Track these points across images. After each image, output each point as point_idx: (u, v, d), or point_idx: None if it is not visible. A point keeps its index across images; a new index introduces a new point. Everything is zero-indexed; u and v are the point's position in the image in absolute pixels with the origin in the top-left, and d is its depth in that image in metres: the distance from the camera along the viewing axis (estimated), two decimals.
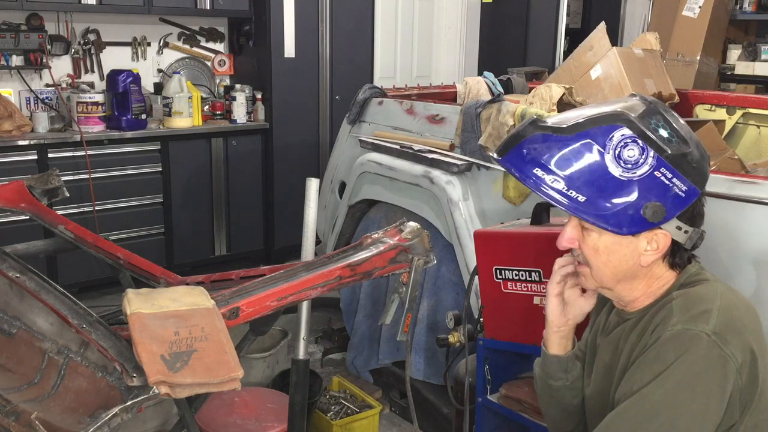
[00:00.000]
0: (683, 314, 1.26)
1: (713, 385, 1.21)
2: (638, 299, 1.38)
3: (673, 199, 1.26)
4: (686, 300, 1.28)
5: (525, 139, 1.33)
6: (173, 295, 1.61)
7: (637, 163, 1.25)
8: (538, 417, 2.00)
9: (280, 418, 2.55)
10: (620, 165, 1.26)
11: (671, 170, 1.25)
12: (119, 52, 4.59)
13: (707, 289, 1.30)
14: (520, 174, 1.33)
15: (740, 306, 1.29)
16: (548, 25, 5.78)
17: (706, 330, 1.22)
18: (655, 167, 1.25)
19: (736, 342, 1.22)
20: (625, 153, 1.25)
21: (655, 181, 1.25)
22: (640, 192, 1.25)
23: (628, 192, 1.26)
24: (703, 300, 1.27)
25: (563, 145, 1.29)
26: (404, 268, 1.76)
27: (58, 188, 2.49)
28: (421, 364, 2.93)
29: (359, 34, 5.02)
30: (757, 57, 5.35)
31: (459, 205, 2.77)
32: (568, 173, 1.28)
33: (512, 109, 2.67)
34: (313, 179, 2.38)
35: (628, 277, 1.35)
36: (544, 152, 1.30)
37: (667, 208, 1.26)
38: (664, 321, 1.28)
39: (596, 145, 1.27)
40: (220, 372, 1.39)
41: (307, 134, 4.88)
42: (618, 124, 1.26)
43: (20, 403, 1.48)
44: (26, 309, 1.63)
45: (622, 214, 1.27)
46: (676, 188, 1.25)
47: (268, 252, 4.88)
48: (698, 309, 1.25)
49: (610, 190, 1.27)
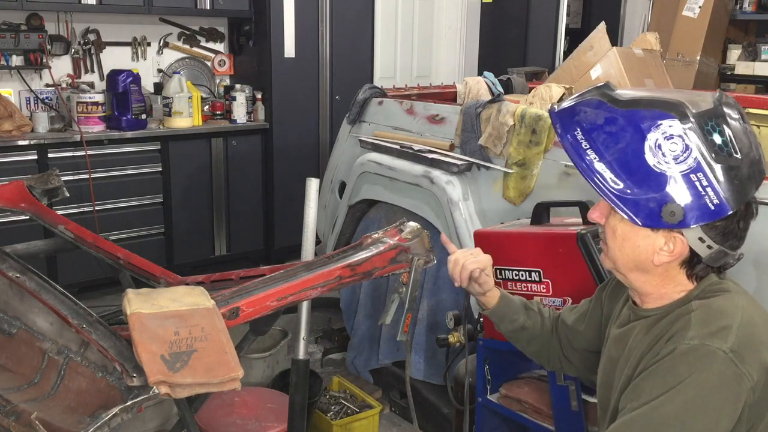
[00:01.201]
0: (702, 328, 1.21)
1: (726, 403, 1.18)
2: (651, 296, 1.34)
3: (699, 208, 1.19)
4: (706, 313, 1.24)
5: (584, 100, 1.31)
6: (173, 295, 1.61)
7: (677, 159, 1.19)
8: (538, 417, 2.01)
9: (280, 418, 2.55)
10: (657, 155, 1.20)
11: (708, 179, 1.18)
12: (119, 52, 4.59)
13: (728, 302, 1.25)
14: (561, 130, 1.31)
15: (760, 322, 1.24)
16: (548, 25, 5.78)
17: (723, 347, 1.18)
18: (694, 170, 1.18)
19: (753, 360, 1.19)
20: (667, 145, 1.19)
21: (690, 183, 1.18)
22: (669, 189, 1.19)
23: (656, 184, 1.20)
24: (724, 315, 1.22)
25: (611, 116, 1.25)
26: (404, 268, 1.76)
27: (58, 188, 2.49)
28: (421, 364, 2.93)
29: (359, 34, 5.02)
30: (757, 57, 5.35)
31: (459, 205, 2.77)
32: (605, 145, 1.24)
33: (512, 109, 2.67)
34: (313, 179, 2.38)
35: (640, 270, 1.31)
36: (592, 118, 1.27)
37: (688, 215, 1.20)
38: (681, 333, 1.23)
39: (641, 128, 1.21)
40: (220, 372, 1.39)
41: (307, 134, 4.88)
42: (671, 114, 1.20)
43: (20, 403, 1.48)
44: (26, 309, 1.63)
45: (642, 203, 1.22)
46: (707, 198, 1.18)
47: (268, 252, 4.87)
48: (717, 324, 1.21)
49: (639, 176, 1.21)
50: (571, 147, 1.29)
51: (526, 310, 1.69)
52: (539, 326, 1.68)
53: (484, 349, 2.09)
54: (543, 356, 1.70)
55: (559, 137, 1.31)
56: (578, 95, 1.35)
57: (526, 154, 2.60)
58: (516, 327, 1.68)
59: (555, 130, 1.33)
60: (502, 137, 2.68)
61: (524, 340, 1.70)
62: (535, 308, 1.71)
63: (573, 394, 1.88)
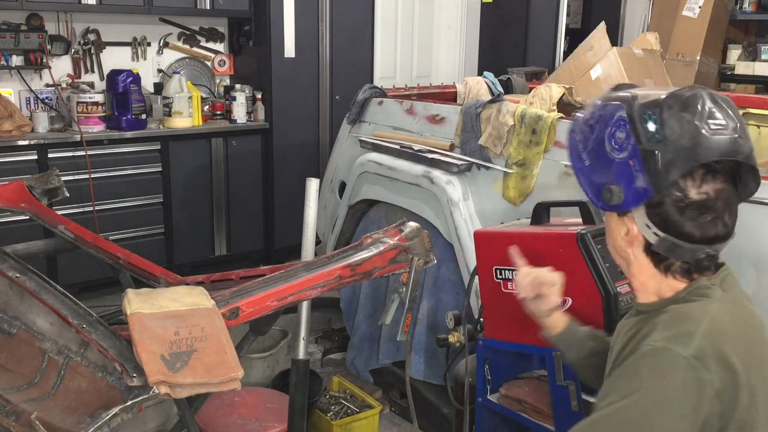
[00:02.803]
0: (666, 331, 1.24)
1: (687, 410, 1.18)
2: (638, 290, 1.39)
3: (634, 192, 1.29)
4: (673, 317, 1.27)
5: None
6: (173, 295, 1.61)
7: (621, 147, 1.30)
8: (538, 417, 2.01)
9: (280, 418, 2.55)
10: (611, 142, 1.32)
11: (640, 163, 1.27)
12: (119, 52, 4.59)
13: (699, 308, 1.27)
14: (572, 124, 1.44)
15: (731, 331, 1.24)
16: (548, 25, 5.78)
17: (685, 353, 1.19)
18: (631, 155, 1.29)
19: (717, 368, 1.19)
20: (617, 134, 1.31)
21: (627, 168, 1.29)
22: (616, 173, 1.31)
23: (609, 169, 1.32)
24: (689, 320, 1.24)
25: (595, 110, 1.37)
26: (404, 268, 1.76)
27: (58, 188, 2.49)
28: (421, 364, 2.93)
29: (359, 34, 5.02)
30: (757, 57, 5.35)
31: (459, 205, 2.77)
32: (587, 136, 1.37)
33: (512, 109, 2.67)
34: (313, 179, 2.38)
35: (622, 258, 1.39)
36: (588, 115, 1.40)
37: (626, 199, 1.30)
38: (648, 334, 1.27)
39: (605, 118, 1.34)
40: (220, 372, 1.39)
41: (307, 134, 4.88)
42: (622, 105, 1.31)
43: (20, 403, 1.48)
44: (26, 309, 1.63)
45: (599, 187, 1.34)
46: (639, 182, 1.28)
47: (268, 252, 4.87)
48: (681, 329, 1.23)
49: (601, 163, 1.34)
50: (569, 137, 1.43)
51: (593, 334, 1.68)
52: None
53: (484, 349, 2.09)
54: None
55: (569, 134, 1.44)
56: None
57: (526, 154, 2.60)
58: (585, 353, 1.65)
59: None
60: (502, 137, 2.68)
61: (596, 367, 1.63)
62: (602, 334, 1.68)
63: (573, 394, 1.88)
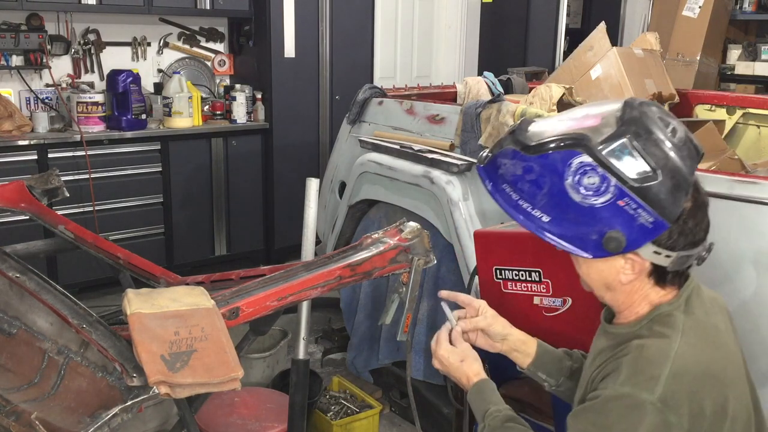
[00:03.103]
0: (631, 376, 1.22)
1: None
2: (623, 314, 1.36)
3: (639, 230, 1.21)
4: (637, 361, 1.24)
5: (501, 151, 1.33)
6: (173, 295, 1.61)
7: (598, 191, 1.21)
8: (538, 417, 2.01)
9: (280, 418, 2.55)
10: (580, 192, 1.22)
11: (635, 201, 1.19)
12: (119, 52, 4.59)
13: (661, 349, 1.24)
14: (492, 187, 1.34)
15: (695, 369, 1.23)
16: (548, 25, 5.78)
17: (650, 399, 1.19)
18: (618, 196, 1.20)
19: (684, 409, 1.19)
20: (585, 180, 1.21)
21: (619, 209, 1.20)
22: (604, 219, 1.21)
23: (590, 218, 1.22)
24: (653, 364, 1.22)
25: (527, 165, 1.28)
26: (404, 268, 1.76)
27: (58, 188, 2.49)
28: (421, 364, 2.93)
29: (359, 34, 5.02)
30: (757, 57, 5.36)
31: (459, 205, 2.76)
32: (531, 193, 1.28)
33: (512, 109, 2.67)
34: (313, 179, 2.38)
35: (611, 290, 1.33)
36: (512, 169, 1.30)
37: (631, 239, 1.21)
38: (613, 376, 1.25)
39: (557, 170, 1.24)
40: (220, 372, 1.39)
41: (307, 134, 4.88)
42: (577, 151, 1.22)
43: (20, 403, 1.48)
44: (26, 309, 1.63)
45: (586, 238, 1.24)
46: (642, 219, 1.20)
47: (268, 252, 4.87)
48: (646, 374, 1.21)
49: (572, 214, 1.24)
50: (504, 202, 1.33)
51: (568, 355, 1.64)
52: None
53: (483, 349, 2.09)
54: None
55: (491, 194, 1.34)
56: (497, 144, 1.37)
57: None
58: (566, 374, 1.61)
59: (485, 187, 1.36)
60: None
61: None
62: (577, 353, 1.65)
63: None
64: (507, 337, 1.61)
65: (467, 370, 1.54)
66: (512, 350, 1.62)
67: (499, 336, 1.61)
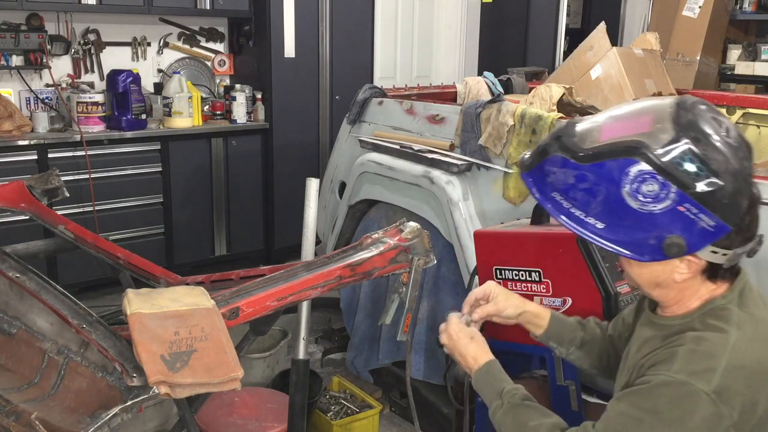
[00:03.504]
0: (687, 365, 1.22)
1: None
2: (671, 307, 1.35)
3: (699, 233, 1.19)
4: (694, 351, 1.24)
5: (548, 158, 1.30)
6: (173, 295, 1.61)
7: (657, 198, 1.19)
8: None
9: (280, 418, 2.55)
10: (638, 199, 1.20)
11: (697, 206, 1.17)
12: (119, 52, 4.59)
13: (719, 341, 1.24)
14: (540, 195, 1.31)
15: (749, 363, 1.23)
16: (548, 25, 5.78)
17: (706, 389, 1.19)
18: (678, 202, 1.18)
19: (737, 403, 1.20)
20: (644, 188, 1.19)
21: (679, 215, 1.19)
22: (662, 224, 1.20)
23: (648, 224, 1.21)
24: (710, 356, 1.22)
25: (580, 174, 1.25)
26: (404, 268, 1.76)
27: (58, 188, 2.49)
28: (421, 364, 2.93)
29: (359, 34, 5.01)
30: (757, 57, 5.36)
31: (459, 205, 2.76)
32: (585, 202, 1.25)
33: (512, 109, 2.67)
34: (313, 179, 2.38)
35: (662, 287, 1.32)
36: (563, 178, 1.28)
37: (691, 243, 1.20)
38: (667, 361, 1.24)
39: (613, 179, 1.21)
40: (220, 372, 1.39)
41: (307, 134, 4.88)
42: (635, 159, 1.20)
43: (20, 403, 1.48)
44: (26, 309, 1.63)
45: (643, 243, 1.23)
46: (703, 223, 1.18)
47: (268, 252, 4.87)
48: (703, 365, 1.21)
49: (629, 221, 1.22)
50: (556, 210, 1.30)
51: (581, 324, 1.66)
52: (600, 338, 1.64)
53: None
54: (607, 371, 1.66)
55: (540, 202, 1.32)
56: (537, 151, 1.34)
57: None
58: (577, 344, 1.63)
59: (532, 194, 1.33)
60: (502, 137, 2.68)
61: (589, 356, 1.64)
62: (592, 323, 1.67)
63: (573, 394, 1.88)
64: (522, 314, 1.63)
65: (476, 349, 1.55)
66: (526, 323, 1.65)
67: (513, 317, 1.63)
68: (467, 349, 1.55)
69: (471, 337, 1.57)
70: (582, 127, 1.30)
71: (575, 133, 1.29)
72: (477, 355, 1.55)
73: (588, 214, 1.26)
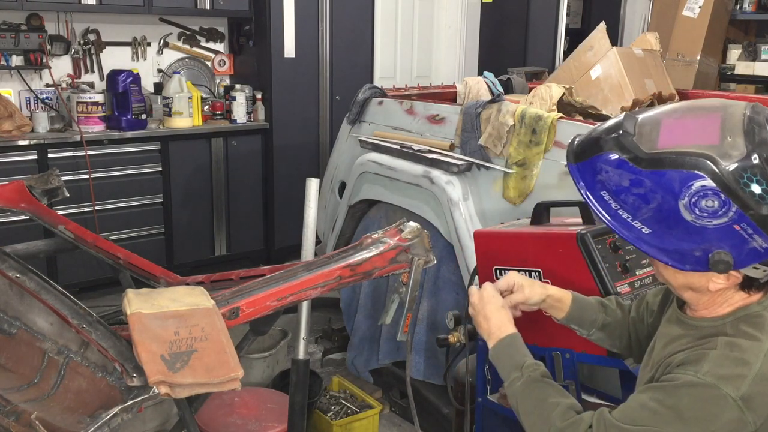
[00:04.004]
0: (717, 368, 1.21)
1: None
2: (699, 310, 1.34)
3: (749, 252, 1.16)
4: (726, 356, 1.22)
5: (602, 153, 1.24)
6: (173, 295, 1.61)
7: (716, 214, 1.14)
8: None
9: (280, 418, 2.55)
10: (694, 212, 1.15)
11: (754, 227, 1.13)
12: (119, 52, 4.59)
13: (752, 349, 1.22)
14: (588, 192, 1.26)
15: None
16: (548, 25, 5.78)
17: (733, 395, 1.18)
18: (736, 221, 1.14)
19: (763, 411, 1.20)
20: (703, 203, 1.14)
21: (733, 232, 1.15)
22: (713, 239, 1.16)
23: (698, 236, 1.17)
24: (742, 363, 1.21)
25: (637, 179, 1.19)
26: (404, 268, 1.76)
27: (58, 188, 2.49)
28: (421, 364, 2.93)
29: (359, 34, 5.02)
30: (757, 57, 5.35)
31: (459, 205, 2.77)
32: (636, 206, 1.21)
33: (512, 109, 2.67)
34: (313, 179, 2.38)
35: (694, 290, 1.30)
36: (616, 179, 1.22)
37: (739, 260, 1.17)
38: (697, 362, 1.23)
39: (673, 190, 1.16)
40: (220, 372, 1.39)
41: (307, 134, 4.88)
42: (701, 174, 1.13)
43: (20, 403, 1.48)
44: (26, 309, 1.63)
45: (687, 253, 1.19)
46: (756, 243, 1.15)
47: (268, 252, 4.87)
48: (734, 371, 1.20)
49: (678, 231, 1.18)
50: (602, 209, 1.25)
51: (602, 306, 1.65)
52: (621, 319, 1.64)
53: (484, 349, 2.09)
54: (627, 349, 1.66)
55: (586, 200, 1.27)
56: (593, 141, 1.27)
57: (526, 154, 2.60)
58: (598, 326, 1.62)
59: (578, 187, 1.28)
60: (502, 137, 2.68)
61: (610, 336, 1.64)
62: (614, 303, 1.66)
63: (573, 394, 1.88)
64: (545, 300, 1.62)
65: (504, 318, 1.54)
66: (548, 308, 1.64)
67: (537, 304, 1.62)
68: (495, 315, 1.54)
69: (502, 306, 1.56)
70: (642, 122, 1.23)
71: (634, 130, 1.22)
72: (503, 324, 1.53)
73: (635, 218, 1.21)
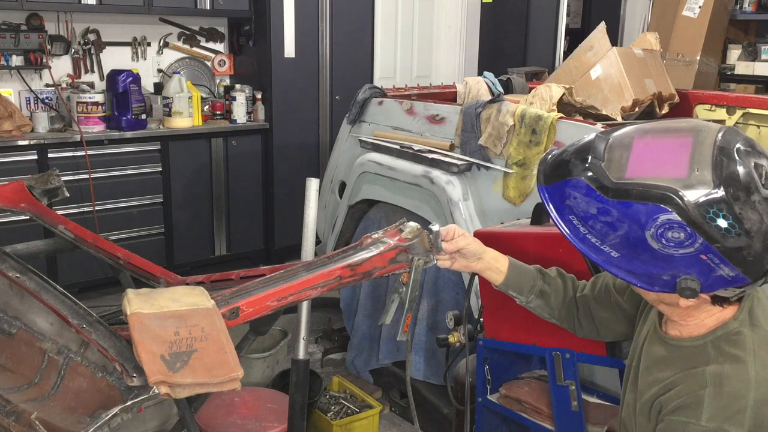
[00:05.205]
0: (718, 411, 1.20)
1: None
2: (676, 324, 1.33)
3: (716, 279, 1.17)
4: (720, 396, 1.21)
5: (570, 179, 1.24)
6: (173, 295, 1.61)
7: (682, 244, 1.14)
8: (538, 417, 2.01)
9: (280, 418, 2.55)
10: (661, 242, 1.16)
11: (720, 258, 1.14)
12: (119, 52, 4.59)
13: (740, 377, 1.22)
14: (557, 215, 1.27)
15: None
16: (548, 25, 5.79)
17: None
18: (702, 251, 1.14)
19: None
20: (669, 234, 1.14)
21: (700, 261, 1.15)
22: (680, 266, 1.17)
23: (665, 263, 1.18)
24: (737, 397, 1.20)
25: (603, 207, 1.19)
26: (404, 268, 1.76)
27: (58, 188, 2.49)
28: (421, 364, 2.93)
29: (359, 34, 5.02)
30: (757, 57, 5.36)
31: (459, 205, 2.77)
32: (603, 233, 1.21)
33: (512, 109, 2.67)
34: (313, 179, 2.38)
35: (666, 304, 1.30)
36: (585, 207, 1.22)
37: (705, 285, 1.18)
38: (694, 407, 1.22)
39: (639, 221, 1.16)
40: (220, 372, 1.39)
41: (307, 134, 4.88)
42: (666, 208, 1.13)
43: (20, 403, 1.48)
44: (26, 309, 1.63)
45: (656, 276, 1.20)
46: (722, 272, 1.15)
47: (268, 252, 4.88)
48: (732, 408, 1.19)
49: (646, 257, 1.19)
50: (571, 233, 1.26)
51: (541, 274, 1.67)
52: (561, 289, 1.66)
53: (484, 349, 2.09)
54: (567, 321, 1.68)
55: (555, 223, 1.28)
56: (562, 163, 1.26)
57: (526, 154, 2.60)
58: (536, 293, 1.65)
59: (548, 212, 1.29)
60: (502, 137, 2.68)
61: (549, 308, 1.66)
62: (554, 273, 1.69)
63: (573, 394, 1.88)
64: (482, 256, 1.64)
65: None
66: (486, 269, 1.65)
67: (475, 256, 1.64)
68: None
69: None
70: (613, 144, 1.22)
71: (604, 155, 1.21)
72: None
73: (604, 243, 1.22)
